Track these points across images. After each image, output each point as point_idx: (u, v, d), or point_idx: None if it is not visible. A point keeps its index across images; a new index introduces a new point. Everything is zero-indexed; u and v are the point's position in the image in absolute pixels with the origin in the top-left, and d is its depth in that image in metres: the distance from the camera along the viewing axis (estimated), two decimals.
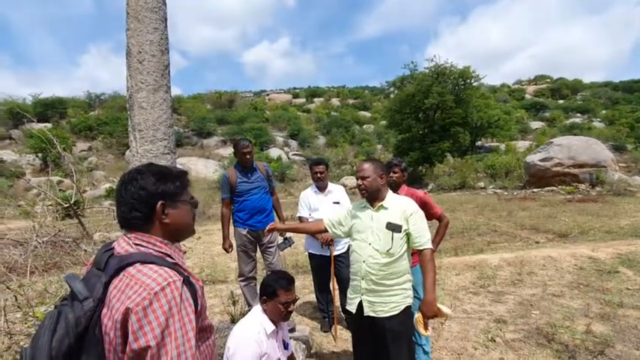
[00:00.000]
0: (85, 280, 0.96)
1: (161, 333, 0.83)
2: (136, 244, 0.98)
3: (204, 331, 1.02)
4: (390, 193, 2.15)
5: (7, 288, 2.71)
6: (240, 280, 3.28)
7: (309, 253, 3.46)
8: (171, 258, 1.00)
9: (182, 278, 0.92)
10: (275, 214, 3.43)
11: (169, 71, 2.50)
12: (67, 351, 0.85)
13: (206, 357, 1.02)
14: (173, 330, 0.85)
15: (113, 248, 1.00)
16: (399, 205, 2.07)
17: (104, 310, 0.89)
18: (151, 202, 1.00)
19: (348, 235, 2.23)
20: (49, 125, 25.24)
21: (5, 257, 3.39)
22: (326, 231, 2.30)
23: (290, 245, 3.50)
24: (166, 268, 0.92)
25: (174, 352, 0.84)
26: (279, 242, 3.43)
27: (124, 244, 0.98)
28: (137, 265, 0.92)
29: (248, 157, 3.15)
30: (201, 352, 0.99)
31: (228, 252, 3.32)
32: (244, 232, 3.19)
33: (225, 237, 3.29)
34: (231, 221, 3.31)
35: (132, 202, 0.99)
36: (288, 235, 3.56)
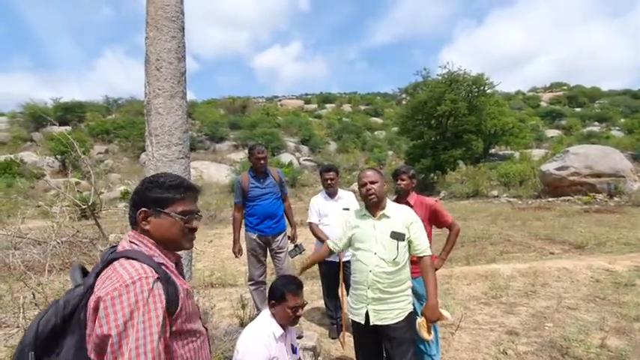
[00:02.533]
0: (91, 271, 1.05)
1: (124, 324, 0.87)
2: (131, 242, 1.06)
3: (186, 334, 1.04)
4: (388, 202, 2.17)
5: (26, 285, 2.80)
6: (250, 284, 3.31)
7: None
8: (159, 258, 1.06)
9: (157, 276, 0.96)
10: (286, 220, 3.46)
11: (185, 78, 2.58)
12: (51, 329, 0.92)
13: None
14: (137, 322, 0.88)
15: (117, 246, 1.10)
16: (400, 214, 2.09)
17: (91, 297, 0.96)
18: (137, 207, 1.08)
19: (349, 245, 2.25)
20: (68, 128, 26.04)
21: (25, 256, 3.51)
22: (332, 252, 2.36)
23: (301, 252, 3.51)
24: (145, 265, 0.97)
25: (133, 345, 0.86)
26: (290, 249, 3.45)
27: (124, 242, 1.08)
28: (122, 259, 0.99)
29: (262, 162, 3.18)
30: (181, 355, 1.01)
31: (237, 256, 3.35)
32: (254, 236, 3.22)
33: (236, 241, 3.33)
34: (242, 225, 3.34)
35: (130, 205, 1.11)
36: (298, 241, 3.58)
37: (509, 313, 3.83)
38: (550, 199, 13.37)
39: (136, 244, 1.06)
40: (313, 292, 4.61)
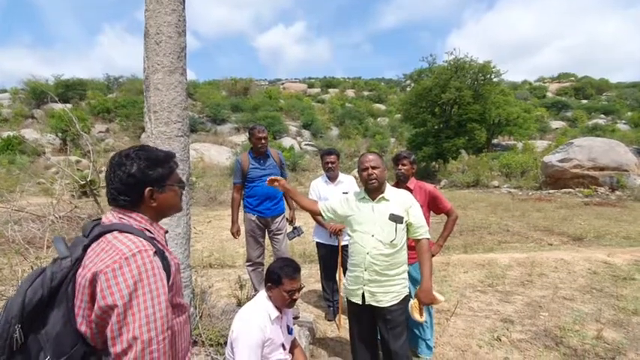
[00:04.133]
0: (72, 244, 1.03)
1: (129, 294, 0.87)
2: (120, 217, 1.05)
3: (175, 308, 1.05)
4: (388, 186, 2.17)
5: (25, 259, 2.81)
6: (248, 265, 3.32)
7: (317, 243, 3.47)
8: (150, 232, 1.06)
9: (155, 249, 0.97)
10: (285, 202, 3.44)
11: (185, 54, 2.51)
12: (38, 301, 0.90)
13: (177, 333, 1.05)
14: (141, 294, 0.88)
15: (101, 219, 1.08)
16: (399, 197, 2.11)
17: (80, 270, 0.95)
18: (139, 188, 1.05)
19: (341, 222, 2.28)
20: (69, 106, 25.82)
21: (24, 230, 3.51)
22: (319, 213, 2.31)
23: (299, 234, 3.51)
24: (141, 239, 0.98)
25: (143, 314, 0.87)
26: (289, 231, 3.45)
27: (110, 216, 1.06)
28: (115, 232, 0.98)
29: (263, 142, 3.15)
30: (169, 328, 1.01)
31: (235, 237, 3.35)
32: (253, 217, 3.21)
33: (234, 222, 3.33)
34: (241, 206, 3.33)
35: (120, 187, 1.05)
36: (297, 224, 3.57)
37: (504, 302, 3.86)
38: (551, 191, 13.34)
39: (126, 219, 1.05)
40: (311, 276, 4.64)
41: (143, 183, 1.05)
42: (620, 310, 3.53)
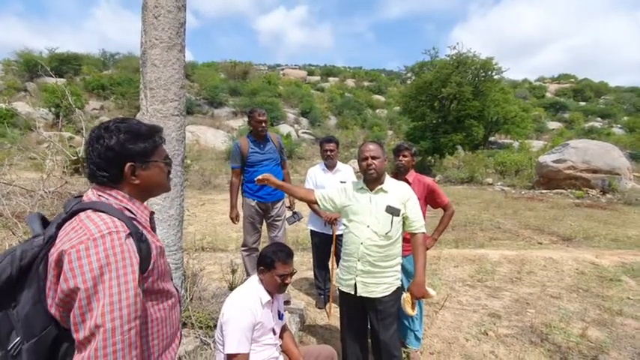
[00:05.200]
0: (52, 222, 0.98)
1: (93, 279, 0.81)
2: (99, 195, 0.98)
3: (158, 294, 1.00)
4: (387, 177, 2.14)
5: (13, 234, 2.76)
6: (243, 250, 3.30)
7: (311, 230, 3.46)
8: (132, 213, 0.99)
9: (128, 231, 0.90)
10: None
11: (184, 30, 2.42)
12: (6, 280, 0.86)
13: (161, 320, 1.01)
14: (107, 279, 0.82)
15: (82, 196, 1.02)
16: (398, 190, 2.09)
17: (52, 249, 0.90)
18: (119, 163, 0.98)
19: (338, 211, 2.24)
20: (63, 81, 25.22)
21: (13, 204, 3.45)
22: (315, 202, 2.26)
23: (299, 220, 3.50)
24: (115, 219, 0.90)
25: (107, 300, 0.81)
26: (288, 216, 3.42)
27: (90, 194, 1.00)
28: (89, 211, 0.92)
29: (264, 125, 3.10)
30: (150, 315, 0.97)
31: (234, 222, 3.32)
32: (253, 203, 3.18)
33: (233, 206, 3.29)
34: (239, 191, 3.29)
35: (98, 162, 0.97)
36: (297, 209, 3.55)
37: (493, 297, 3.91)
38: (543, 191, 13.47)
39: (105, 197, 0.98)
40: (303, 264, 4.66)
41: (123, 158, 0.98)
42: (605, 310, 3.59)
